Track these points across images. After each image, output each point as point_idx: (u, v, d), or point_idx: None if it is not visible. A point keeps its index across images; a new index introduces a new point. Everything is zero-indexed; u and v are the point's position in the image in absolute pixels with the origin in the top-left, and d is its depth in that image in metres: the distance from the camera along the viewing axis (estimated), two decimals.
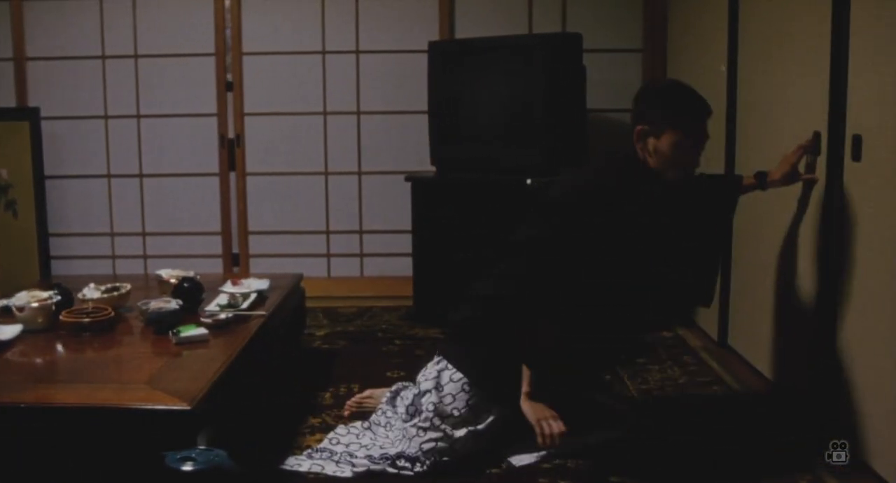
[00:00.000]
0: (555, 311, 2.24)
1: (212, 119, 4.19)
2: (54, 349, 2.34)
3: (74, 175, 4.24)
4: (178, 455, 1.71)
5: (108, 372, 2.16)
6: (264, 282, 2.93)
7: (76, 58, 4.17)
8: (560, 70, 3.44)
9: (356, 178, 4.22)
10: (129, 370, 2.16)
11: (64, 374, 2.17)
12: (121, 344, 2.41)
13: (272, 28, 4.18)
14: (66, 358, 2.31)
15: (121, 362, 2.24)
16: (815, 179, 2.50)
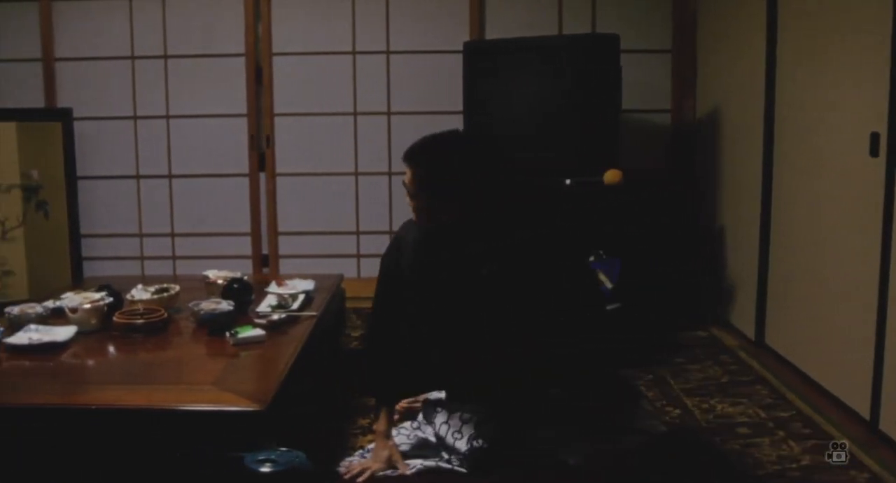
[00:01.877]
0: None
1: (241, 119, 4.18)
2: (110, 351, 2.34)
3: (103, 176, 4.23)
4: (256, 456, 1.72)
5: (169, 373, 2.15)
6: (309, 282, 2.93)
7: (105, 58, 4.16)
8: (597, 70, 3.44)
9: (386, 178, 4.21)
10: (190, 371, 2.16)
11: (126, 375, 2.15)
12: (175, 345, 2.40)
13: (302, 28, 4.17)
14: (124, 359, 2.30)
15: (180, 363, 2.23)
16: None
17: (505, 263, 2.19)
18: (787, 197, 3.21)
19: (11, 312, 2.51)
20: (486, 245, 2.20)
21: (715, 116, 3.94)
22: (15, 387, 2.04)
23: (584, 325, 2.41)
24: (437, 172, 2.09)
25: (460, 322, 2.27)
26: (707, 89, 4.09)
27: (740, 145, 3.66)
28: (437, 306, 2.27)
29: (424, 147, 2.17)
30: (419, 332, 2.26)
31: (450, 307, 2.26)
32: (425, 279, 2.27)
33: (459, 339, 2.32)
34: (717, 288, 3.88)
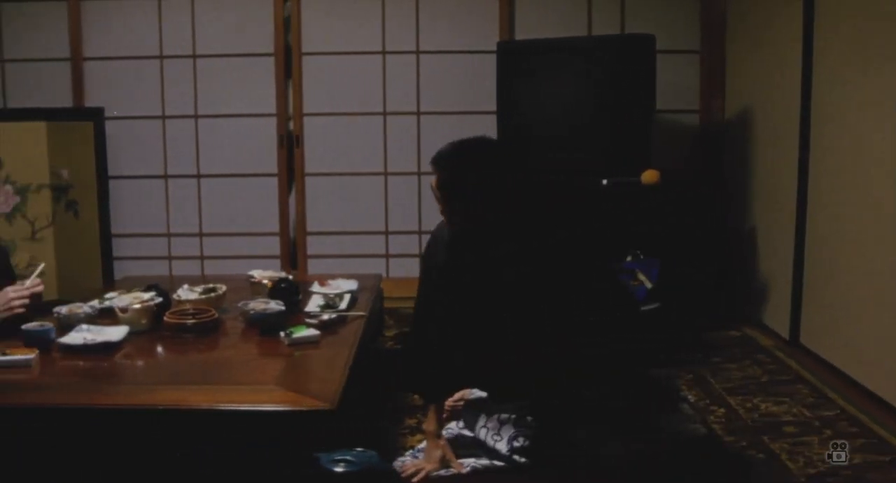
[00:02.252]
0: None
1: (271, 119, 4.18)
2: (164, 351, 2.33)
3: (131, 175, 4.22)
4: (332, 456, 1.72)
5: (228, 373, 2.14)
6: (353, 282, 2.93)
7: (134, 58, 4.16)
8: (633, 71, 3.45)
9: (416, 178, 4.21)
10: (249, 372, 2.15)
11: (184, 375, 2.14)
12: (228, 345, 2.39)
13: (332, 28, 4.17)
14: (179, 360, 2.29)
15: (236, 364, 2.22)
16: None
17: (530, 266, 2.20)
18: (824, 197, 3.22)
19: (60, 312, 2.50)
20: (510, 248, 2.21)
21: (745, 117, 3.95)
22: (76, 387, 2.03)
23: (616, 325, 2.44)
24: (462, 177, 2.12)
25: (485, 324, 2.30)
26: (737, 90, 4.09)
27: (774, 146, 3.66)
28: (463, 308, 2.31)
29: (451, 152, 2.20)
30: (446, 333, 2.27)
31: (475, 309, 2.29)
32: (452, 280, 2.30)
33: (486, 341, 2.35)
34: (747, 288, 3.88)
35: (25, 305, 2.39)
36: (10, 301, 2.33)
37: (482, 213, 2.17)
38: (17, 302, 2.35)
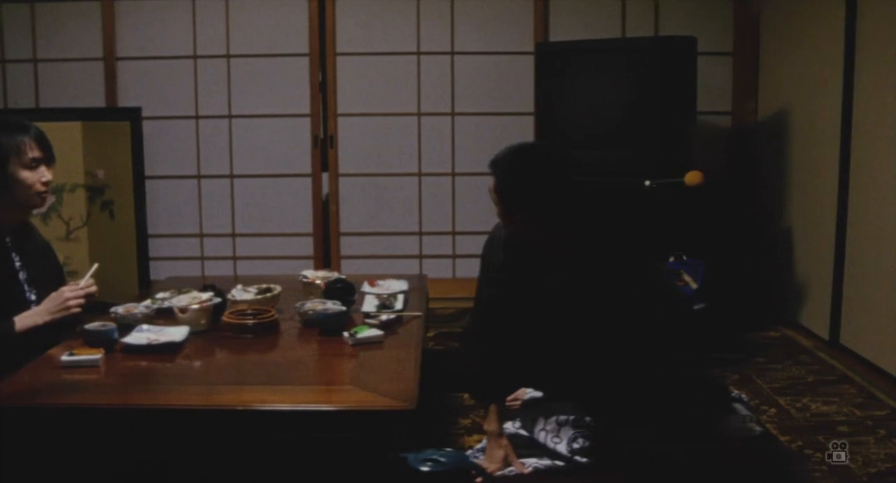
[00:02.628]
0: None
1: (305, 119, 4.18)
2: (226, 351, 2.32)
3: (164, 176, 4.22)
4: (419, 456, 1.72)
5: (299, 374, 2.13)
6: (403, 283, 2.92)
7: (167, 58, 4.16)
8: (674, 72, 3.44)
9: (450, 179, 4.22)
10: (319, 372, 2.15)
11: (253, 376, 2.13)
12: (289, 346, 2.38)
13: (366, 29, 4.18)
14: (244, 360, 2.28)
15: (304, 364, 2.22)
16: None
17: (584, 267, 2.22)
18: (865, 199, 3.22)
19: (117, 312, 2.49)
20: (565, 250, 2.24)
21: (780, 119, 3.95)
22: (146, 388, 2.03)
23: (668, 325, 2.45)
24: (518, 181, 2.14)
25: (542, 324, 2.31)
26: (770, 91, 4.10)
27: (812, 147, 3.67)
28: (520, 308, 2.31)
29: (508, 156, 2.22)
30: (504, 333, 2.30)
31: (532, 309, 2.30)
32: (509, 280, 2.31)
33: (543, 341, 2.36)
34: (784, 289, 3.89)
35: (81, 305, 2.39)
36: (67, 301, 2.32)
37: (538, 216, 2.20)
38: (74, 302, 2.33)
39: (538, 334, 2.36)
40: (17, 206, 2.32)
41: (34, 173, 2.29)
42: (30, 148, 2.29)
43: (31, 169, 2.28)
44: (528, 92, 4.11)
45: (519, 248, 2.34)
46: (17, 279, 2.30)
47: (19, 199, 2.29)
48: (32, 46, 4.16)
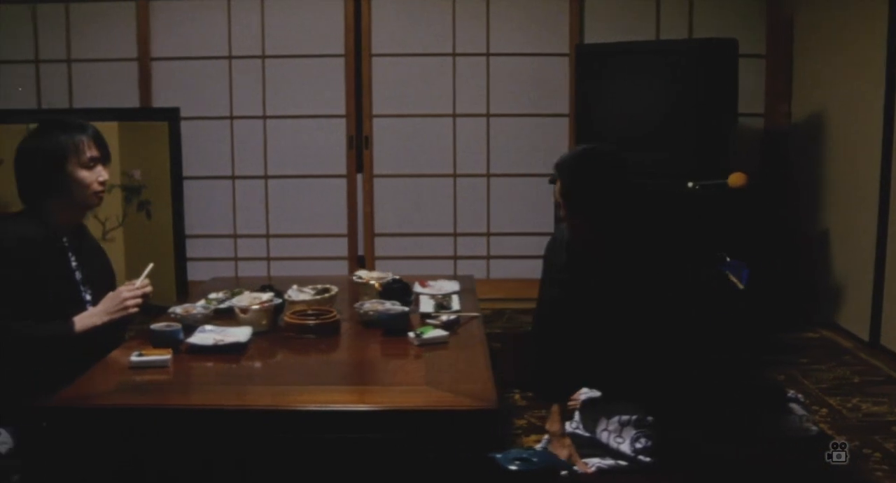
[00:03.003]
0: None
1: (340, 120, 4.19)
2: (290, 351, 2.31)
3: (198, 176, 4.21)
4: (508, 455, 1.72)
5: (372, 374, 2.13)
6: (454, 283, 2.93)
7: (202, 58, 4.16)
8: (716, 75, 3.46)
9: (485, 180, 4.23)
10: (390, 372, 2.13)
11: (324, 376, 2.11)
12: (353, 346, 2.38)
13: (402, 29, 4.19)
14: (312, 360, 2.26)
15: (374, 364, 2.21)
16: None
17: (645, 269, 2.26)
18: None
19: (176, 312, 2.49)
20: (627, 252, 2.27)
21: (816, 121, 3.96)
22: (219, 388, 2.02)
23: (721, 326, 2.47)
24: (583, 185, 2.17)
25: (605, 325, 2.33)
26: (805, 94, 4.11)
27: (851, 150, 3.68)
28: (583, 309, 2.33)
29: (573, 159, 2.25)
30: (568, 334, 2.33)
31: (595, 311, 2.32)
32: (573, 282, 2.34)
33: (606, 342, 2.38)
34: (821, 290, 3.89)
35: (138, 305, 2.38)
36: (125, 301, 2.31)
37: (602, 218, 2.22)
38: (132, 302, 2.33)
39: (600, 334, 2.38)
40: (74, 206, 2.32)
41: (92, 173, 2.28)
42: (88, 147, 2.28)
43: (89, 168, 2.28)
44: (563, 93, 4.14)
45: (582, 249, 2.37)
46: (74, 279, 2.29)
47: (77, 199, 2.28)
48: (67, 47, 4.16)
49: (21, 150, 2.24)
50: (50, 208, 2.26)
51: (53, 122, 2.32)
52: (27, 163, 2.22)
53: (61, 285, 2.28)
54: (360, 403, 1.93)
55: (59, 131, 2.27)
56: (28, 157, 2.21)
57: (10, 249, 2.13)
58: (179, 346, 2.29)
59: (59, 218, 2.30)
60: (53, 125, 2.30)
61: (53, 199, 2.24)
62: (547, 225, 4.07)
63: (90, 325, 2.26)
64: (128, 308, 2.35)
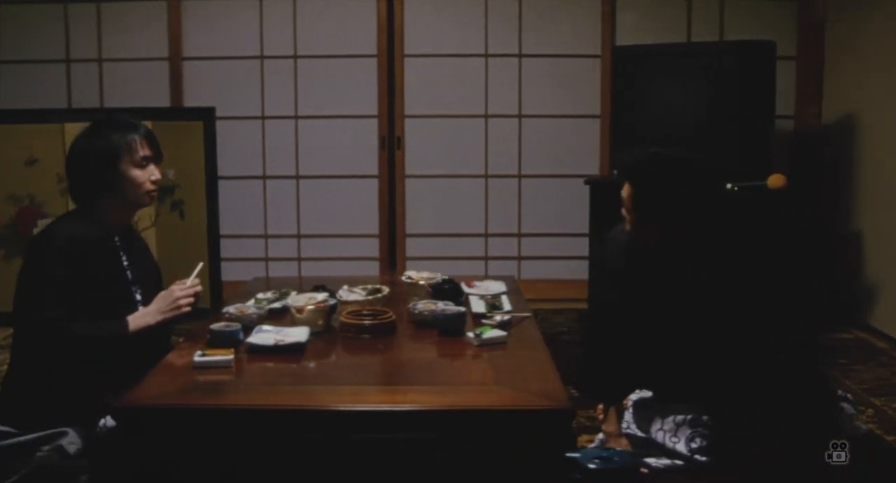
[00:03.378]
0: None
1: (372, 120, 4.20)
2: (349, 351, 2.30)
3: (229, 176, 4.20)
4: (588, 454, 1.73)
5: (438, 374, 2.11)
6: (501, 284, 2.93)
7: (233, 58, 4.16)
8: (754, 76, 3.47)
9: (516, 181, 4.24)
10: (457, 372, 2.13)
11: (394, 376, 2.13)
12: (411, 347, 2.36)
13: (434, 30, 4.19)
14: (375, 360, 2.26)
15: (435, 364, 2.20)
16: None
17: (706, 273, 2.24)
18: None
19: (230, 312, 2.49)
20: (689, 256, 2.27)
21: (848, 123, 3.97)
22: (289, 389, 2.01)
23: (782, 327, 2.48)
24: (654, 193, 2.18)
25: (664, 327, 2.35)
26: (837, 96, 4.11)
27: (884, 151, 3.69)
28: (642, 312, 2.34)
29: (643, 166, 2.26)
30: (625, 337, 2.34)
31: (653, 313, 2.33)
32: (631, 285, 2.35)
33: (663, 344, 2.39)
34: (854, 291, 3.90)
35: (190, 305, 2.38)
36: (178, 300, 2.31)
37: (668, 223, 2.22)
38: (185, 301, 2.33)
39: (660, 337, 2.39)
40: (126, 205, 2.31)
41: (144, 172, 2.28)
42: (140, 146, 2.28)
43: (142, 167, 2.27)
44: (595, 95, 4.16)
45: (644, 253, 2.38)
46: (125, 279, 2.29)
47: (129, 198, 2.28)
48: (98, 46, 4.16)
49: (74, 149, 2.23)
50: (103, 208, 2.25)
51: (106, 122, 2.31)
52: (80, 162, 2.21)
53: (113, 285, 2.27)
54: (434, 403, 1.91)
55: (112, 130, 2.26)
56: (81, 156, 2.21)
57: (64, 249, 2.12)
58: (239, 345, 2.32)
59: (111, 217, 2.30)
60: (106, 124, 2.29)
61: (106, 198, 2.23)
62: (577, 226, 4.09)
63: (144, 324, 2.25)
64: (180, 307, 2.34)
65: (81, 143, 2.25)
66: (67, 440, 1.97)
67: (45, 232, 2.21)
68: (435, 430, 1.89)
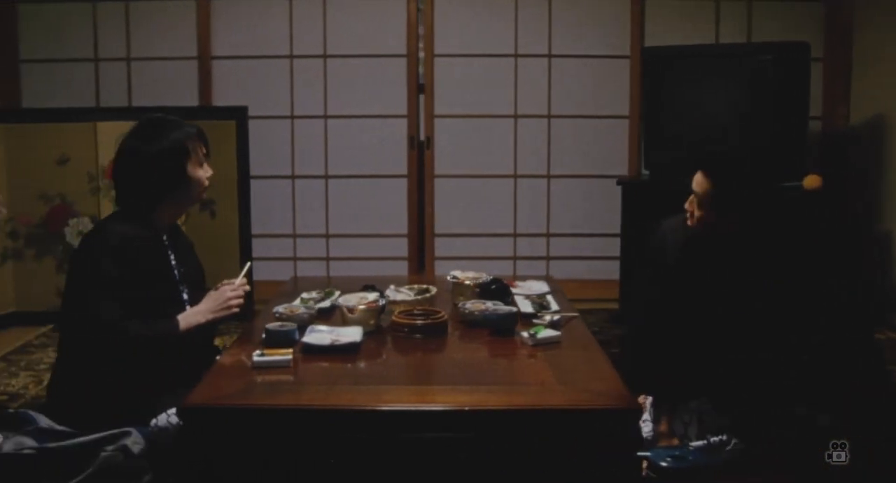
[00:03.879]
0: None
1: (401, 120, 4.20)
2: (403, 351, 2.30)
3: (258, 175, 4.17)
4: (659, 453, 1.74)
5: (497, 373, 2.13)
6: (543, 284, 2.94)
7: (263, 57, 4.16)
8: (789, 77, 3.50)
9: (545, 181, 4.24)
10: (517, 372, 2.13)
11: (453, 376, 2.11)
12: (464, 346, 2.36)
13: (464, 30, 4.20)
14: (430, 360, 2.27)
15: (493, 363, 2.20)
16: None
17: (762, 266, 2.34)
18: None
19: (280, 312, 2.49)
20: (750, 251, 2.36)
21: (877, 123, 3.98)
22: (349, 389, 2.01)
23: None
24: (734, 186, 2.26)
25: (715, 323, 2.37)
26: (865, 97, 4.12)
27: None
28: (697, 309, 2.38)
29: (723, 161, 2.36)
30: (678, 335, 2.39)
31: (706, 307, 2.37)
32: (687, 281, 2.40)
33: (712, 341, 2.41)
34: (885, 291, 3.91)
35: (240, 306, 2.38)
36: (229, 300, 2.31)
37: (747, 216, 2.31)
38: (235, 302, 2.33)
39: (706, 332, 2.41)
40: (184, 203, 2.33)
41: (203, 170, 2.29)
42: (199, 144, 2.29)
43: (201, 165, 2.29)
44: (624, 95, 4.16)
45: (702, 247, 2.41)
46: (173, 278, 2.29)
47: (190, 196, 2.29)
48: (126, 45, 4.16)
49: (133, 151, 2.21)
50: (156, 208, 2.25)
51: (158, 121, 2.29)
52: (145, 164, 2.19)
53: (163, 284, 2.27)
54: (502, 404, 1.91)
55: (169, 130, 2.25)
56: (145, 158, 2.19)
57: (118, 248, 2.12)
58: (294, 345, 2.31)
59: (161, 217, 2.30)
60: (160, 125, 2.27)
61: (168, 198, 2.23)
62: (605, 226, 4.11)
63: (194, 323, 2.26)
64: (231, 307, 2.35)
65: (140, 144, 2.23)
66: (132, 440, 1.97)
67: (98, 231, 2.23)
68: (503, 430, 1.90)
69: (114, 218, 2.22)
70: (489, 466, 1.86)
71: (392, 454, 1.87)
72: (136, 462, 1.95)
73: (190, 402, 1.91)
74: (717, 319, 2.39)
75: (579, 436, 1.84)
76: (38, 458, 1.90)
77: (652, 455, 1.75)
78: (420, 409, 1.91)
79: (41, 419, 2.06)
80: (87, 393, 2.11)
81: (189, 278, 2.40)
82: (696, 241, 2.41)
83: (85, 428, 2.02)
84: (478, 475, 1.86)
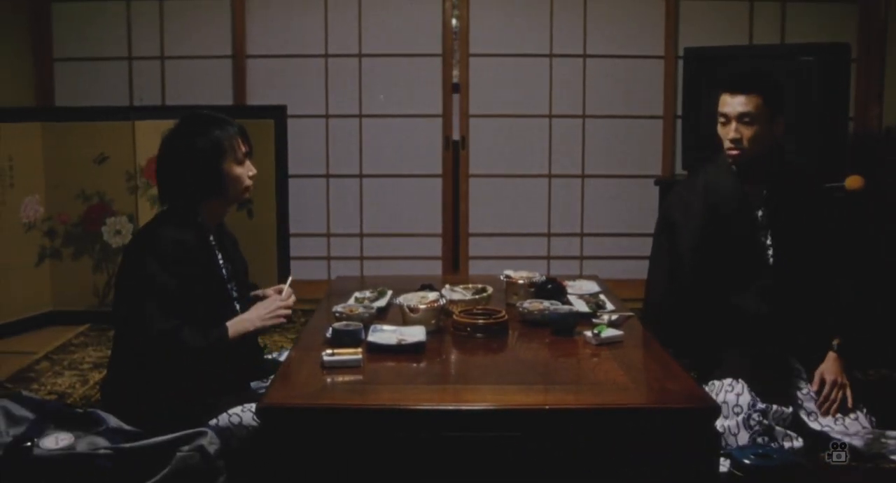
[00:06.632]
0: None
1: (436, 120, 4.20)
2: (467, 351, 2.30)
3: (292, 174, 4.12)
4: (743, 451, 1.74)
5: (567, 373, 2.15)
6: (593, 283, 2.95)
7: (298, 56, 4.15)
8: (830, 78, 3.48)
9: (579, 181, 4.25)
10: (586, 371, 2.14)
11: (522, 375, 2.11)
12: (526, 346, 2.37)
13: (499, 30, 4.20)
14: (496, 359, 2.28)
15: (560, 362, 2.21)
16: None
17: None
18: None
19: (338, 312, 2.49)
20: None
21: None
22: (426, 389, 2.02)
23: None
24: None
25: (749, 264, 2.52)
26: None
27: None
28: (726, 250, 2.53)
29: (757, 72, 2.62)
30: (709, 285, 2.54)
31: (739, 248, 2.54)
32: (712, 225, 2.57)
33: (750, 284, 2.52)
34: None
35: (287, 316, 2.37)
36: (278, 309, 2.30)
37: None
38: (283, 312, 2.32)
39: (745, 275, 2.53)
40: (226, 202, 2.31)
41: (244, 168, 2.28)
42: (239, 143, 2.27)
43: (241, 164, 2.27)
44: (658, 95, 4.17)
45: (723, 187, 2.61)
46: (222, 277, 2.29)
47: (230, 195, 2.27)
48: (160, 44, 4.15)
49: (173, 148, 2.21)
50: (200, 207, 2.25)
51: (199, 119, 2.26)
52: (183, 162, 2.19)
53: (212, 284, 2.27)
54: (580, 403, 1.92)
55: (210, 127, 2.23)
56: (184, 155, 2.19)
57: (171, 255, 2.11)
58: (359, 344, 2.31)
59: (207, 217, 2.29)
60: (201, 122, 2.25)
61: (207, 196, 2.23)
62: (640, 226, 4.11)
63: (243, 330, 2.25)
64: (279, 317, 2.35)
65: (179, 141, 2.22)
66: (207, 440, 1.96)
67: (148, 237, 2.20)
68: (584, 430, 1.90)
69: (163, 221, 2.20)
70: (569, 466, 1.87)
71: (476, 453, 1.88)
72: (212, 462, 1.95)
73: (267, 402, 1.92)
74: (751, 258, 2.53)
75: (661, 435, 1.86)
76: (115, 459, 1.90)
77: (736, 453, 1.75)
78: (502, 409, 1.91)
79: (110, 419, 2.05)
80: (144, 394, 2.11)
81: (236, 275, 2.41)
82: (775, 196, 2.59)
83: (144, 428, 2.03)
84: (557, 474, 1.87)
